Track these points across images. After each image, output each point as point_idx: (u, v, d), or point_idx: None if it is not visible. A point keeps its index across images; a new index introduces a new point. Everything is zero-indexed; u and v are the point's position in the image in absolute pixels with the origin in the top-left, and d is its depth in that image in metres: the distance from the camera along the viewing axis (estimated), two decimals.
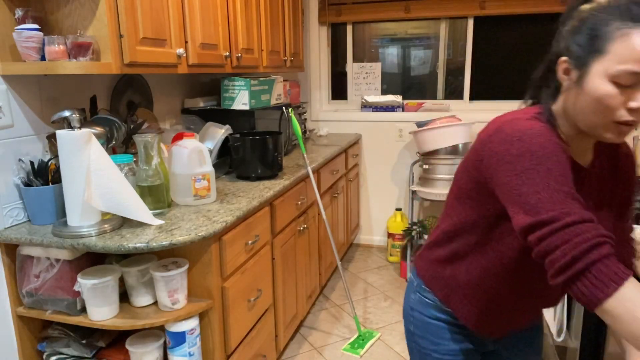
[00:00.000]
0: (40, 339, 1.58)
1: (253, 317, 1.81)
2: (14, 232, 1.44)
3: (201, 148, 1.72)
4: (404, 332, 1.15)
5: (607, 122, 0.80)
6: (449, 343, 1.06)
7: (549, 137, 0.80)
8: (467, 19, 3.38)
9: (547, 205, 0.75)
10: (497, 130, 0.84)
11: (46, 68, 1.39)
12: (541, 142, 0.79)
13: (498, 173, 0.82)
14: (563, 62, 0.84)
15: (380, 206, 3.72)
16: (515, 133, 0.81)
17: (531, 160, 0.78)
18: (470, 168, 0.92)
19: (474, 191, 0.92)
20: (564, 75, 0.84)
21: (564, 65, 0.84)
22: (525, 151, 0.79)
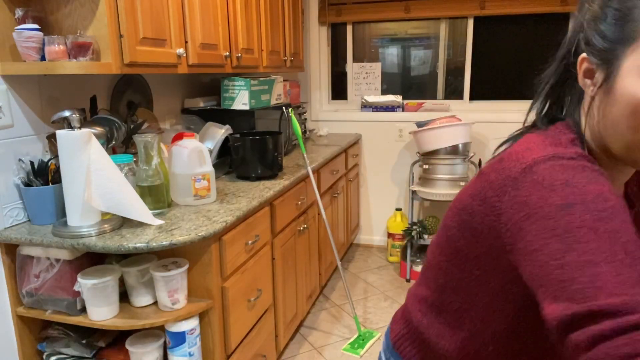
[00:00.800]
0: (40, 339, 1.58)
1: (253, 317, 1.81)
2: (14, 232, 1.44)
3: (201, 148, 1.72)
4: None
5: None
6: None
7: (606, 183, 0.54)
8: (467, 19, 3.38)
9: (608, 286, 0.46)
10: (526, 170, 0.57)
11: (46, 68, 1.39)
12: (600, 189, 0.53)
13: (527, 234, 0.54)
14: (583, 61, 0.61)
15: (380, 206, 3.72)
16: (558, 174, 0.55)
17: (585, 215, 0.51)
18: (477, 224, 0.63)
19: (482, 259, 0.64)
20: (586, 79, 0.62)
21: (585, 64, 0.61)
22: (577, 201, 0.52)
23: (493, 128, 3.37)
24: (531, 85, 3.49)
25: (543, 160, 0.57)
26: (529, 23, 3.29)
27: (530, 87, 3.35)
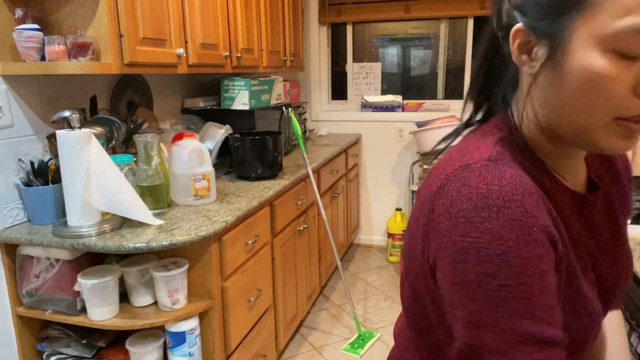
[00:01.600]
0: (40, 339, 1.58)
1: (253, 317, 1.81)
2: (14, 232, 1.44)
3: (201, 148, 1.72)
4: None
5: (607, 120, 0.48)
6: None
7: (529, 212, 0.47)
8: (467, 19, 3.38)
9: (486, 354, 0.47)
10: (439, 190, 0.52)
11: (46, 68, 1.39)
12: (501, 231, 0.46)
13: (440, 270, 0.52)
14: (518, 34, 0.52)
15: (380, 206, 3.72)
16: (464, 202, 0.49)
17: (476, 267, 0.47)
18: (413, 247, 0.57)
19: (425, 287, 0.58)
20: (523, 55, 0.53)
21: (520, 38, 0.52)
22: (472, 248, 0.47)
23: None
24: None
25: (453, 176, 0.51)
26: None
27: None
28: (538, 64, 0.51)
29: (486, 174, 0.49)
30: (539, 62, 0.51)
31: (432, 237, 0.52)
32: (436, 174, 0.55)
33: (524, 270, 0.45)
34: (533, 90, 0.54)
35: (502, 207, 0.46)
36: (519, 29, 0.51)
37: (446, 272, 0.50)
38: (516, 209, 0.46)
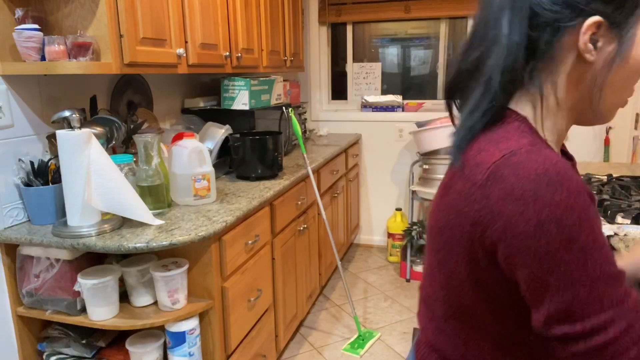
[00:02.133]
0: (40, 339, 1.58)
1: (253, 317, 1.81)
2: (14, 232, 1.44)
3: (201, 148, 1.72)
4: None
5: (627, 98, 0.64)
6: None
7: (570, 181, 0.54)
8: (467, 19, 3.38)
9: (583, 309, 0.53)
10: (492, 178, 0.57)
11: (46, 68, 1.39)
12: (567, 198, 0.53)
13: (508, 248, 0.56)
14: (591, 27, 0.59)
15: (380, 206, 3.72)
16: (526, 183, 0.54)
17: (559, 235, 0.53)
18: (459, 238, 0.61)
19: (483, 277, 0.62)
20: (589, 45, 0.59)
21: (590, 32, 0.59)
22: (548, 219, 0.53)
23: None
24: None
25: (503, 163, 0.56)
26: None
27: None
28: (603, 53, 0.60)
29: (535, 156, 0.55)
30: (605, 52, 0.60)
31: (491, 222, 0.56)
32: (474, 165, 0.60)
33: (593, 227, 0.54)
34: (584, 75, 0.62)
35: (563, 181, 0.53)
36: (594, 22, 0.58)
37: (524, 250, 0.54)
38: (571, 181, 0.54)
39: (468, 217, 0.59)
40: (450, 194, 0.63)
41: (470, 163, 0.61)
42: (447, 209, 0.63)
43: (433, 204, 0.70)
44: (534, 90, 0.63)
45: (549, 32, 0.60)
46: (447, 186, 0.64)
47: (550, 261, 0.53)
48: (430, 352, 0.74)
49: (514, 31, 0.60)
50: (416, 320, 2.31)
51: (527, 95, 0.64)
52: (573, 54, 0.61)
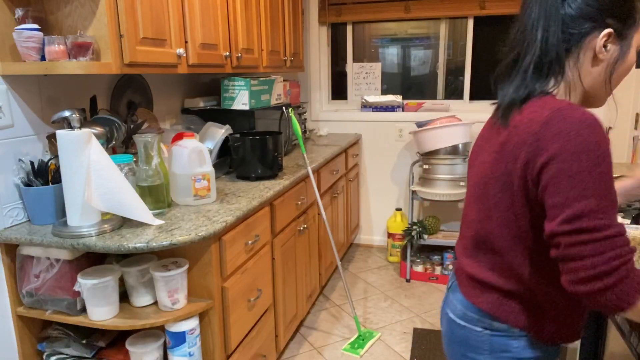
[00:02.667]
0: (40, 339, 1.58)
1: (253, 317, 1.81)
2: (14, 232, 1.44)
3: (201, 148, 1.72)
4: None
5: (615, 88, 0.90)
6: None
7: (602, 129, 0.76)
8: (467, 19, 3.38)
9: (591, 214, 0.74)
10: (544, 125, 0.79)
11: (46, 68, 1.39)
12: (598, 139, 0.75)
13: (548, 175, 0.77)
14: (606, 35, 0.84)
15: (380, 206, 3.72)
16: (570, 125, 0.76)
17: (588, 161, 0.74)
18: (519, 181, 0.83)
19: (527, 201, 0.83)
20: (602, 47, 0.85)
21: (604, 39, 0.84)
22: (584, 149, 0.74)
23: None
24: None
25: (556, 112, 0.79)
26: None
27: None
28: (610, 54, 0.85)
29: (576, 109, 0.78)
30: (611, 53, 0.85)
31: (539, 155, 0.78)
32: (528, 121, 0.82)
33: (609, 164, 0.76)
34: (596, 68, 0.86)
35: (596, 127, 0.76)
36: (607, 33, 0.84)
37: (561, 170, 0.76)
38: (601, 129, 0.76)
39: (523, 159, 0.81)
40: (507, 148, 0.84)
41: (524, 121, 0.83)
42: (504, 159, 0.85)
43: (480, 165, 0.93)
44: (563, 76, 0.87)
45: (576, 37, 0.85)
46: (502, 144, 0.86)
47: (575, 178, 0.74)
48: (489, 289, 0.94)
49: (551, 36, 0.85)
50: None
51: (558, 80, 0.87)
52: (590, 53, 0.85)
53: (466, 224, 1.00)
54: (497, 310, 0.92)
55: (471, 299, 0.97)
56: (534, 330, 0.91)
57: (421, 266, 3.14)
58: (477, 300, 0.95)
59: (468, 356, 0.98)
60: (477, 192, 0.93)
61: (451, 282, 1.08)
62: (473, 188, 0.96)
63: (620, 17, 0.84)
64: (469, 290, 0.98)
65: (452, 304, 1.03)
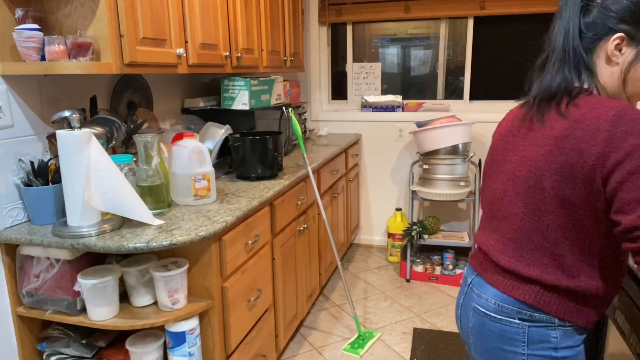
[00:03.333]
0: (40, 339, 1.58)
1: (253, 317, 1.81)
2: (14, 232, 1.44)
3: (201, 148, 1.72)
4: None
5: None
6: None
7: None
8: (467, 19, 3.38)
9: None
10: (614, 123, 0.83)
11: (46, 68, 1.39)
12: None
13: (623, 171, 0.81)
14: (617, 39, 0.90)
15: (380, 206, 3.72)
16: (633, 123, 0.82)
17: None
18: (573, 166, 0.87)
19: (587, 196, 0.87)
20: (615, 50, 0.91)
21: (617, 42, 0.91)
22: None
23: (493, 128, 3.36)
24: None
25: (623, 108, 0.84)
26: (529, 23, 3.29)
27: None
28: (624, 57, 0.91)
29: (637, 109, 0.84)
30: (626, 56, 0.91)
31: (613, 152, 0.82)
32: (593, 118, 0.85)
33: None
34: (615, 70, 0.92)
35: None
36: (617, 37, 0.90)
37: (634, 169, 0.80)
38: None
39: (592, 154, 0.84)
40: (568, 141, 0.87)
41: (588, 117, 0.86)
42: (564, 152, 0.87)
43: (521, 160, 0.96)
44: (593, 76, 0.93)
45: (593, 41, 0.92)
46: (558, 137, 0.88)
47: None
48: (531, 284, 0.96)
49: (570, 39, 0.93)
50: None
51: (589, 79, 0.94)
52: (604, 55, 0.92)
53: (505, 219, 1.00)
54: (540, 301, 0.94)
55: (509, 292, 0.98)
56: (573, 319, 0.94)
57: (421, 266, 3.14)
58: (517, 293, 0.97)
59: (504, 349, 0.99)
60: (523, 186, 0.95)
61: (471, 279, 1.08)
62: (514, 183, 0.97)
63: (633, 22, 0.89)
64: (505, 283, 0.99)
65: (479, 298, 1.03)
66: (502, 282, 1.00)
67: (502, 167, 1.02)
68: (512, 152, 1.00)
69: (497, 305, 0.99)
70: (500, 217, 1.02)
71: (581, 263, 0.92)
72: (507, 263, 0.98)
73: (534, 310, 0.95)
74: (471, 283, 1.08)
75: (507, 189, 0.99)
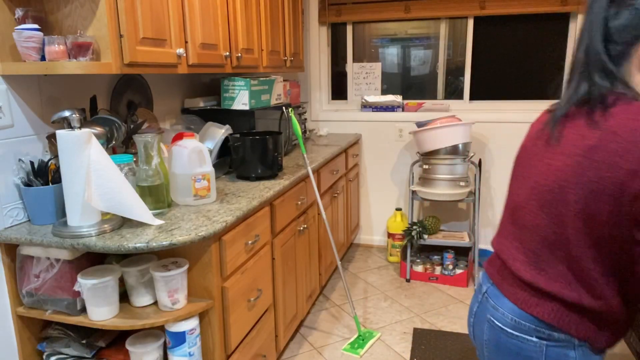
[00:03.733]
0: (40, 339, 1.58)
1: (253, 317, 1.81)
2: (14, 232, 1.44)
3: (201, 148, 1.72)
4: None
5: None
6: None
7: None
8: (467, 19, 3.38)
9: None
10: None
11: (46, 68, 1.39)
12: None
13: None
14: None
15: (380, 206, 3.72)
16: None
17: None
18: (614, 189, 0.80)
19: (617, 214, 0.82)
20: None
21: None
22: None
23: (493, 128, 3.36)
24: (530, 84, 3.46)
25: None
26: (529, 23, 3.29)
27: (530, 86, 3.35)
28: None
29: None
30: None
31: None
32: (633, 130, 0.78)
33: None
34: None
35: None
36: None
37: None
38: None
39: (624, 169, 0.78)
40: (601, 154, 0.81)
41: (626, 130, 0.79)
42: (595, 165, 0.81)
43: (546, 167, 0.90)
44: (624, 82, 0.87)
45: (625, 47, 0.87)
46: (591, 148, 0.82)
47: None
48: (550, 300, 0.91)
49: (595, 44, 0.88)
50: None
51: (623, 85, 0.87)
52: (637, 61, 0.86)
53: (526, 229, 0.95)
54: (559, 320, 0.90)
55: (527, 308, 0.93)
56: (593, 339, 0.90)
57: (421, 266, 3.14)
58: (535, 310, 0.92)
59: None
60: (546, 197, 0.89)
61: (487, 287, 1.04)
62: (537, 192, 0.92)
63: None
64: (524, 298, 0.94)
65: (495, 310, 0.99)
66: (521, 297, 0.95)
67: (526, 172, 0.97)
68: (539, 157, 0.94)
69: (514, 321, 0.95)
70: (521, 226, 0.96)
71: (605, 282, 0.87)
72: (528, 275, 0.93)
73: (552, 329, 0.91)
74: (487, 292, 1.03)
75: (530, 197, 0.94)
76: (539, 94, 3.36)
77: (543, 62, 3.31)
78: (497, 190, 3.45)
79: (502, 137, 3.36)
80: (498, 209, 3.47)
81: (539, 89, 3.35)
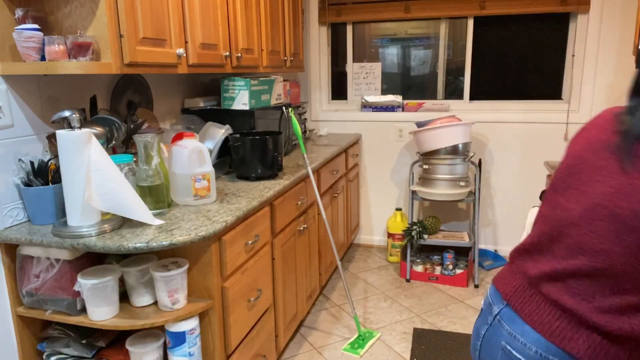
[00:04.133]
0: (40, 339, 1.58)
1: (253, 317, 1.81)
2: (14, 232, 1.44)
3: (201, 148, 1.72)
4: None
5: None
6: None
7: None
8: (467, 19, 3.38)
9: None
10: None
11: (46, 68, 1.39)
12: None
13: None
14: None
15: (380, 206, 3.72)
16: None
17: None
18: None
19: None
20: None
21: None
22: None
23: (493, 128, 3.37)
24: (530, 85, 3.46)
25: None
26: (529, 23, 3.29)
27: (530, 86, 3.35)
28: None
29: None
30: None
31: None
32: None
33: None
34: None
35: None
36: None
37: None
38: None
39: None
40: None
41: None
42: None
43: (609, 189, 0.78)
44: None
45: None
46: None
47: None
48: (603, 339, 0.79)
49: None
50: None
51: None
52: None
53: (582, 250, 0.81)
54: (598, 356, 0.79)
55: (559, 342, 0.82)
56: None
57: (421, 266, 3.14)
58: (569, 345, 0.81)
59: None
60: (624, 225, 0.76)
61: (499, 309, 0.92)
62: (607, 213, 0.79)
63: None
64: (556, 328, 0.83)
65: (513, 339, 0.87)
66: (551, 327, 0.83)
67: (585, 187, 0.82)
68: (606, 173, 0.80)
69: (538, 354, 0.83)
70: (572, 247, 0.82)
71: None
72: (572, 302, 0.81)
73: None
74: (499, 314, 0.91)
75: (593, 218, 0.80)
76: (539, 94, 3.36)
77: (543, 62, 3.31)
78: (497, 190, 3.45)
79: (502, 137, 3.36)
80: (498, 209, 3.47)
81: (539, 89, 3.35)
